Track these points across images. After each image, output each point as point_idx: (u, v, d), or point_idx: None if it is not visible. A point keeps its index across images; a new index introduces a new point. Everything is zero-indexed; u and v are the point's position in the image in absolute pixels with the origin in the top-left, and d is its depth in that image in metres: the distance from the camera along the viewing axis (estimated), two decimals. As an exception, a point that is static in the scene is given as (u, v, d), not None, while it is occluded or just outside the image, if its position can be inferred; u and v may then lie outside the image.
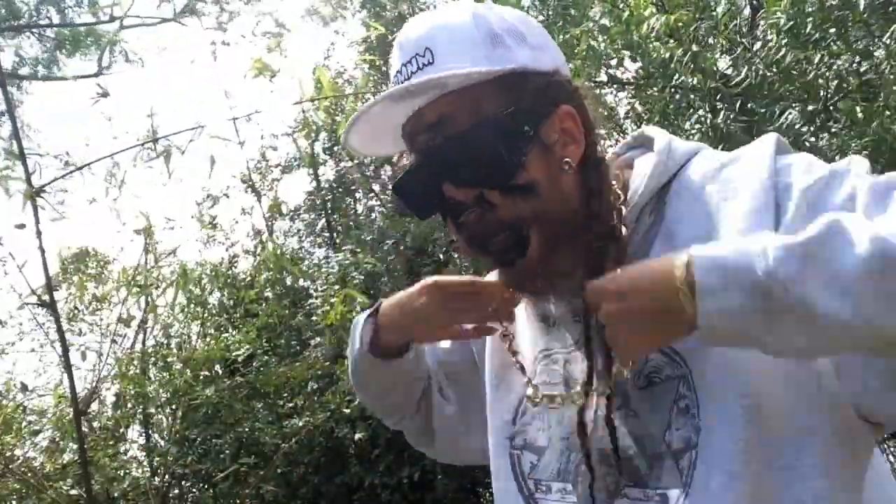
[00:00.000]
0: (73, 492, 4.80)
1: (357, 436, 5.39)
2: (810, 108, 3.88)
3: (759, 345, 0.64)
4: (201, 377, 4.82)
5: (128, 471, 5.06)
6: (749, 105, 3.79)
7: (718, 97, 3.77)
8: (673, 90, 4.03)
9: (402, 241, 6.86)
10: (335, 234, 8.43)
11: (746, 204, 0.74)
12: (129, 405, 5.27)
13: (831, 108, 3.94)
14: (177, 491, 5.73)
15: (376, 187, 8.81)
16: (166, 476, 5.06)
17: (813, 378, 0.72)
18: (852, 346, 0.64)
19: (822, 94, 3.89)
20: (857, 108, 3.52)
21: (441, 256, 6.81)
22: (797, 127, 3.97)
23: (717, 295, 0.62)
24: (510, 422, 0.91)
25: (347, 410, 4.85)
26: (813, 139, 4.30)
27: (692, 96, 3.95)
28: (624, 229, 0.82)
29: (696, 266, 0.63)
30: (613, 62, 4.34)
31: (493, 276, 0.94)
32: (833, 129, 4.16)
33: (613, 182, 0.85)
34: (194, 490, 5.87)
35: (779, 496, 0.70)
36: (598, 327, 0.78)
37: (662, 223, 0.81)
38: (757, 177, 0.75)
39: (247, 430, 5.05)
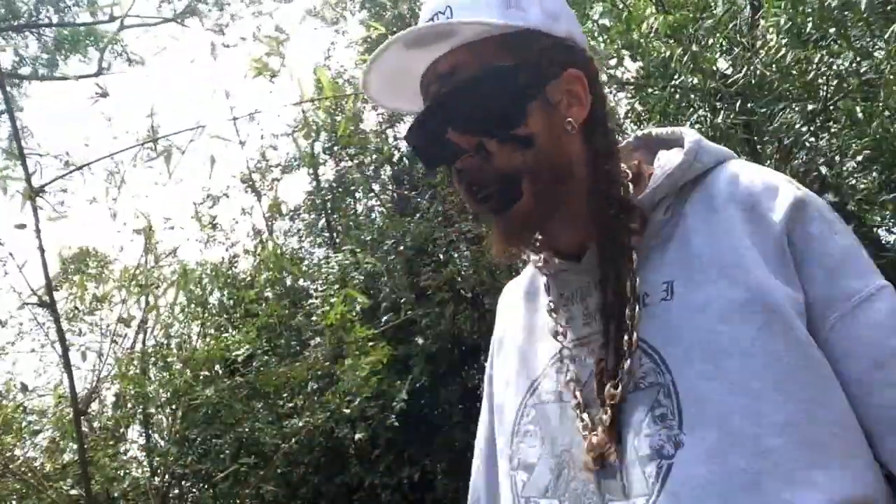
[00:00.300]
0: (73, 492, 4.80)
1: (357, 436, 5.40)
2: (810, 107, 3.88)
3: None
4: (201, 377, 4.81)
5: (128, 471, 5.06)
6: (749, 105, 3.79)
7: (718, 97, 3.77)
8: (673, 90, 4.03)
9: (402, 241, 6.86)
10: (335, 234, 8.43)
11: (768, 251, 0.76)
12: (129, 405, 5.27)
13: (831, 107, 3.94)
14: (177, 491, 5.73)
15: (376, 187, 8.81)
16: (166, 476, 5.06)
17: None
18: None
19: (821, 93, 3.89)
20: (858, 108, 3.52)
21: (441, 256, 6.81)
22: (797, 127, 3.97)
23: None
24: (509, 443, 0.90)
25: (347, 410, 4.85)
26: (813, 139, 4.30)
27: (692, 96, 3.95)
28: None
29: None
30: (613, 62, 4.34)
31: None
32: (833, 129, 4.16)
33: (625, 166, 0.87)
34: (194, 490, 5.88)
35: None
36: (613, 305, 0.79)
37: (679, 227, 0.82)
38: (778, 226, 0.77)
39: (247, 430, 5.05)
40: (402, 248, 6.82)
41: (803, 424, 0.69)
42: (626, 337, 0.78)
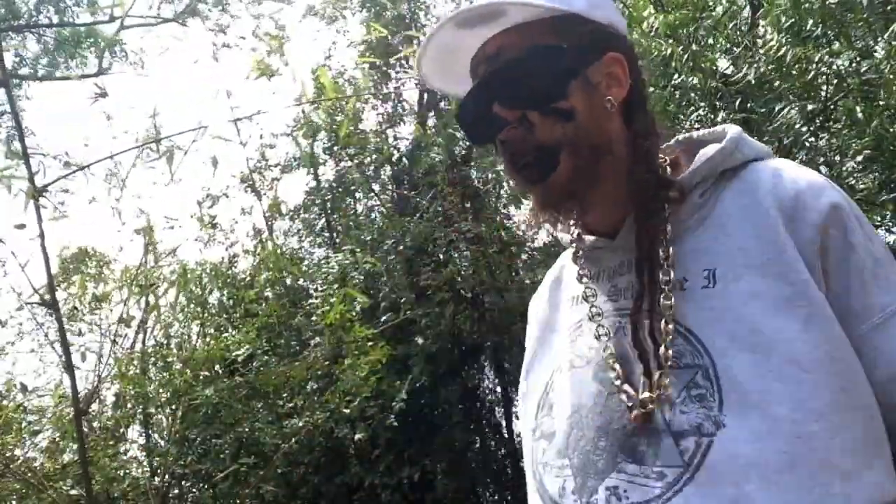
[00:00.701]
0: (73, 492, 4.80)
1: (357, 436, 5.40)
2: (810, 107, 3.88)
3: None
4: (201, 377, 4.81)
5: (128, 471, 5.06)
6: (749, 104, 3.80)
7: (718, 96, 3.78)
8: (673, 89, 4.03)
9: (402, 240, 6.86)
10: (335, 234, 8.44)
11: (804, 250, 0.78)
12: (129, 405, 5.27)
13: (831, 107, 3.95)
14: (177, 491, 5.73)
15: (376, 187, 8.82)
16: (166, 476, 5.06)
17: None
18: None
19: (822, 93, 3.90)
20: (857, 108, 3.53)
21: (441, 256, 6.81)
22: (797, 126, 3.97)
23: None
24: (534, 416, 0.93)
25: (347, 410, 4.85)
26: (813, 139, 4.31)
27: (692, 95, 3.95)
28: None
29: None
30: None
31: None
32: (833, 129, 4.16)
33: (663, 156, 0.90)
34: (194, 490, 5.88)
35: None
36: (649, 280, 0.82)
37: (716, 211, 0.85)
38: (815, 228, 0.80)
39: (247, 430, 5.05)
40: (401, 247, 6.83)
41: (839, 413, 0.73)
42: (663, 322, 0.81)
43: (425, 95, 8.73)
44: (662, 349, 0.80)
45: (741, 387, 0.74)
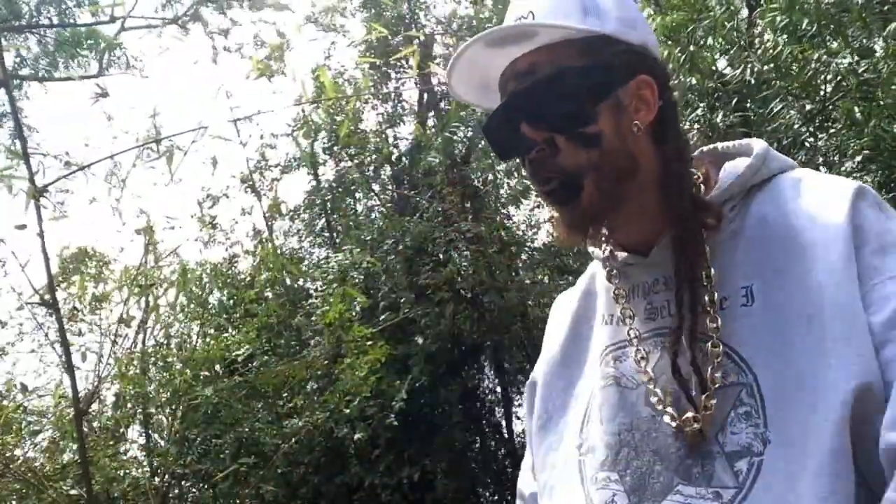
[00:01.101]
0: (73, 492, 4.80)
1: (357, 436, 5.41)
2: (809, 107, 3.89)
3: None
4: (201, 377, 4.82)
5: (128, 471, 5.07)
6: (747, 104, 3.80)
7: (716, 96, 3.79)
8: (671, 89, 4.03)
9: (402, 240, 6.87)
10: (335, 234, 8.44)
11: (838, 252, 0.78)
12: (129, 405, 5.28)
13: (830, 107, 3.95)
14: (177, 491, 5.74)
15: (376, 187, 8.82)
16: (166, 476, 5.07)
17: None
18: None
19: (820, 93, 3.90)
20: (856, 108, 3.53)
21: (440, 256, 6.81)
22: (796, 126, 3.98)
23: None
24: (578, 432, 0.94)
25: (347, 410, 4.86)
26: (812, 139, 4.31)
27: (690, 95, 3.96)
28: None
29: None
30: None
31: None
32: (832, 129, 4.16)
33: (694, 171, 0.91)
34: (194, 490, 5.88)
35: None
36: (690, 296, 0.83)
37: (747, 226, 0.86)
38: (844, 222, 0.79)
39: (247, 430, 5.06)
40: (401, 247, 6.83)
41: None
42: (709, 345, 0.82)
43: (425, 95, 8.73)
44: (709, 372, 0.81)
45: (781, 400, 0.76)
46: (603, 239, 0.97)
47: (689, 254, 0.85)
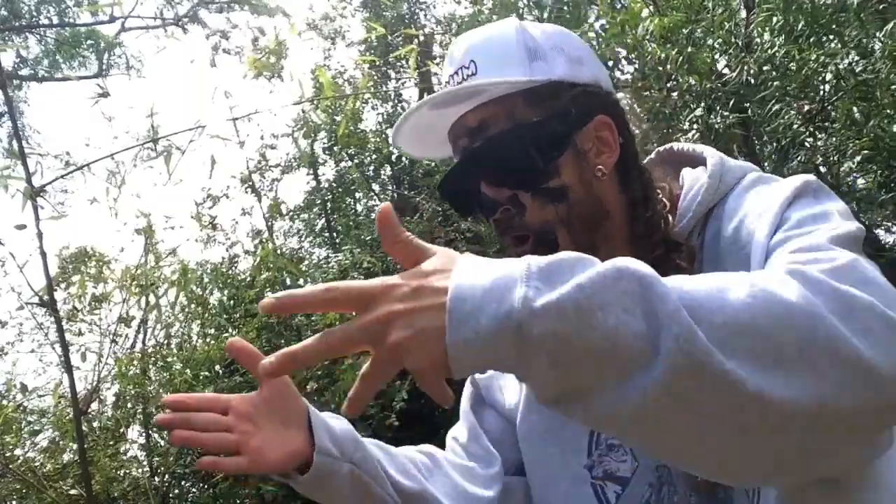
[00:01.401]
0: (73, 492, 4.81)
1: (357, 436, 5.40)
2: (807, 107, 3.89)
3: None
4: (201, 377, 4.82)
5: (128, 471, 5.07)
6: (745, 104, 3.80)
7: (714, 97, 3.79)
8: (669, 91, 4.04)
9: (402, 241, 6.85)
10: (335, 234, 8.45)
11: (759, 248, 0.73)
12: (129, 405, 5.28)
13: (829, 107, 3.95)
14: (177, 491, 5.74)
15: (376, 187, 8.82)
16: (166, 476, 5.07)
17: None
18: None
19: (820, 93, 3.90)
20: (855, 108, 3.53)
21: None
22: (795, 127, 3.98)
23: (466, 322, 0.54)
24: (585, 451, 0.89)
25: (347, 410, 4.86)
26: (811, 139, 4.31)
27: (688, 96, 3.96)
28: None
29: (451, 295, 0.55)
30: (610, 64, 4.36)
31: None
32: (830, 129, 4.16)
33: (659, 192, 0.87)
34: (194, 490, 5.88)
35: None
36: None
37: (708, 250, 0.83)
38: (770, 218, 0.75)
39: (247, 429, 5.05)
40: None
41: None
42: None
43: (425, 95, 8.73)
44: None
45: None
46: None
47: None
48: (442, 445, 1.09)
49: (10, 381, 5.23)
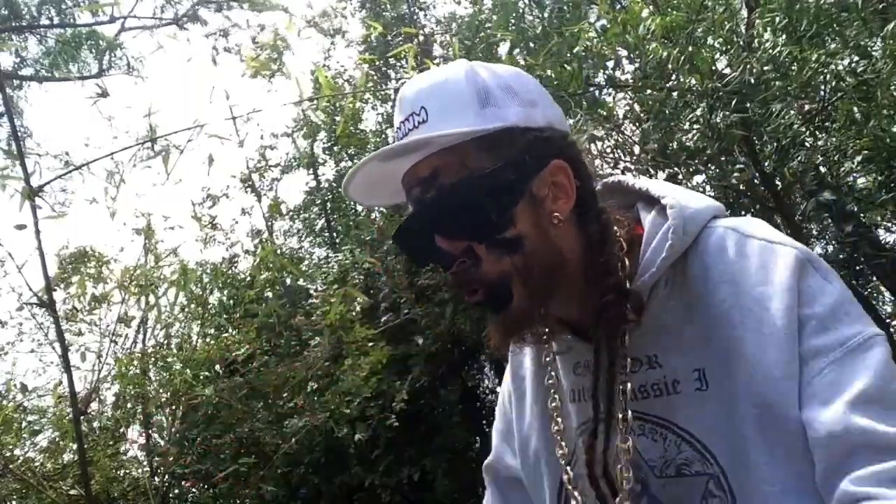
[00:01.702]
0: (73, 492, 4.80)
1: (357, 436, 5.40)
2: (808, 107, 3.89)
3: None
4: (201, 377, 4.82)
5: (128, 471, 5.07)
6: (746, 104, 3.80)
7: (715, 97, 3.79)
8: (670, 90, 4.04)
9: (402, 241, 6.85)
10: (335, 234, 8.45)
11: (779, 320, 0.74)
12: (129, 405, 5.28)
13: (829, 107, 3.95)
14: (177, 491, 5.74)
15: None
16: (166, 476, 5.07)
17: None
18: None
19: (820, 93, 3.90)
20: (855, 108, 3.53)
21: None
22: (795, 127, 3.98)
23: None
24: (555, 498, 0.92)
25: (347, 410, 4.86)
26: (811, 139, 4.31)
27: (689, 96, 3.96)
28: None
29: None
30: (611, 63, 4.36)
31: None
32: (831, 129, 4.16)
33: (618, 229, 0.85)
34: (194, 490, 5.88)
35: None
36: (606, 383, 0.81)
37: (685, 300, 0.81)
38: (783, 298, 0.75)
39: (247, 430, 5.05)
40: (401, 248, 6.82)
41: None
42: (620, 416, 0.80)
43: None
44: (619, 470, 0.80)
45: (751, 496, 0.74)
46: (540, 333, 0.92)
47: (609, 347, 0.82)
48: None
49: (9, 381, 5.23)
